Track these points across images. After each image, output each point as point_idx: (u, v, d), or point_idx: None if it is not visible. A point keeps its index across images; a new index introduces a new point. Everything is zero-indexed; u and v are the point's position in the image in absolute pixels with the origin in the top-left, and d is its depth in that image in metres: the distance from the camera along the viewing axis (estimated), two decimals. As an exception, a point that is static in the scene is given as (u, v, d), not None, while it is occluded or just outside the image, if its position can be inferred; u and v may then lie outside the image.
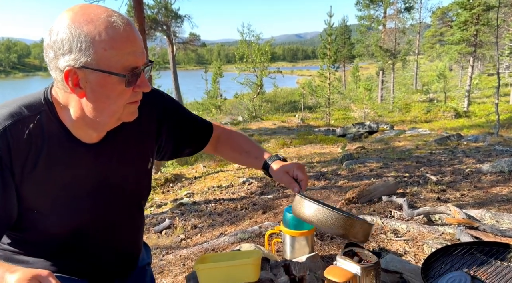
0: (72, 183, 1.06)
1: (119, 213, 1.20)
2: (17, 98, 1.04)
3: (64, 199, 1.06)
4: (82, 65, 0.91)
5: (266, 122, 19.65)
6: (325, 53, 23.29)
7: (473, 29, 22.95)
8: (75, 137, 1.05)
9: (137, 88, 0.99)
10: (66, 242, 1.12)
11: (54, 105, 1.03)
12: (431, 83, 28.39)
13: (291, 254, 1.95)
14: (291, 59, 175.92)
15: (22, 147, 0.97)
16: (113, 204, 1.16)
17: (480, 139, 9.76)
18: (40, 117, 1.01)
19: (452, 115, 20.42)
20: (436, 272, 1.39)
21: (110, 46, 0.90)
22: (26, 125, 0.98)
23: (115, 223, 1.20)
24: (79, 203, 1.09)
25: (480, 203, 3.58)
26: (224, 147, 1.49)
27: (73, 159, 1.06)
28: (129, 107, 1.01)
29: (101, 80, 0.93)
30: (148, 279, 1.44)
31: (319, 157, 8.65)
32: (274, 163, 1.39)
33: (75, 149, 1.05)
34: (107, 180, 1.13)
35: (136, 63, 0.95)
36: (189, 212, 4.70)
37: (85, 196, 1.10)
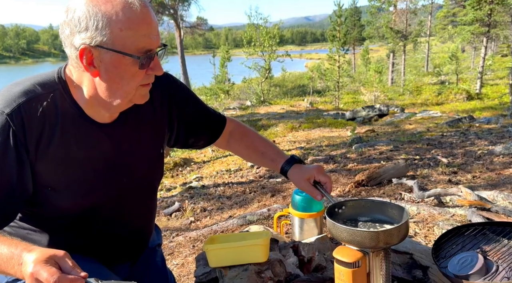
0: (85, 161, 1.06)
1: (131, 194, 1.19)
2: (31, 76, 1.04)
3: (77, 176, 1.06)
4: (98, 44, 0.91)
5: (274, 106, 19.55)
6: (334, 36, 22.92)
7: (487, 8, 22.30)
8: (88, 117, 1.05)
9: (150, 71, 0.99)
10: (79, 219, 1.12)
11: (67, 84, 1.03)
12: (442, 65, 27.84)
13: (300, 235, 1.94)
14: (300, 42, 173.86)
15: (36, 124, 0.97)
16: (125, 185, 1.16)
17: (492, 121, 9.60)
18: (54, 96, 1.01)
19: (464, 98, 20.06)
20: (447, 252, 1.37)
21: (127, 26, 0.90)
22: (40, 103, 0.98)
23: (127, 204, 1.19)
24: (92, 181, 1.09)
25: (492, 185, 3.53)
26: (237, 143, 1.47)
27: (86, 138, 1.06)
28: (141, 89, 1.01)
29: (116, 61, 0.93)
30: (158, 260, 1.45)
31: (328, 141, 8.61)
32: (292, 169, 1.37)
33: (88, 128, 1.05)
34: (119, 160, 1.13)
35: (151, 46, 0.95)
36: (198, 195, 4.73)
37: (98, 175, 1.09)
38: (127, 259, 1.30)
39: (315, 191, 1.32)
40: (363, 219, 1.32)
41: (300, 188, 1.36)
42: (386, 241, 1.14)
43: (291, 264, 1.58)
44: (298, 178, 1.34)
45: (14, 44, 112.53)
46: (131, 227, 1.25)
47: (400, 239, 1.17)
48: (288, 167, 1.37)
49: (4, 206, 0.97)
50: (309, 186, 1.33)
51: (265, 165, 1.49)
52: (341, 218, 1.30)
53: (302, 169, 1.35)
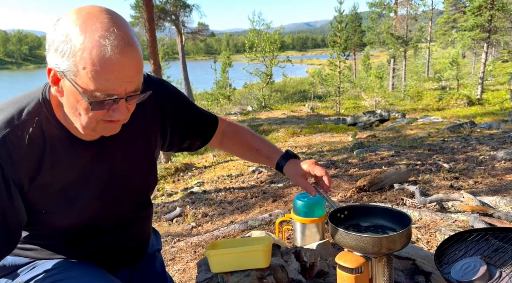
0: (77, 181, 1.06)
1: (126, 206, 1.19)
2: (14, 99, 1.01)
3: (71, 197, 1.05)
4: (61, 70, 0.89)
5: (275, 112, 19.57)
6: (335, 41, 22.99)
7: (488, 14, 22.37)
8: (75, 136, 1.03)
9: (111, 112, 0.94)
10: (75, 234, 1.13)
11: (51, 105, 1.01)
12: (443, 70, 27.86)
13: (301, 241, 1.94)
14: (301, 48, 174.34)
15: (24, 153, 0.96)
16: (120, 198, 1.16)
17: (494, 126, 9.59)
18: (39, 119, 0.98)
19: (465, 103, 20.06)
20: (450, 258, 1.37)
21: (89, 67, 0.86)
22: (26, 131, 0.96)
23: (124, 216, 1.20)
24: (86, 200, 1.08)
25: (494, 190, 3.52)
26: (231, 141, 1.47)
27: (75, 158, 1.04)
28: (104, 124, 0.97)
29: (73, 92, 0.91)
30: (158, 265, 1.44)
31: (329, 146, 8.60)
32: (288, 164, 1.36)
33: (76, 148, 1.04)
34: (112, 175, 1.12)
35: (114, 91, 0.90)
36: (200, 200, 4.72)
37: (91, 192, 1.09)
38: (126, 266, 1.30)
39: (310, 186, 1.31)
40: (366, 224, 1.32)
41: (295, 183, 1.35)
42: (389, 247, 1.13)
43: (293, 269, 1.58)
44: (294, 173, 1.33)
45: (16, 50, 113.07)
46: (129, 236, 1.24)
47: (403, 245, 1.17)
48: (284, 162, 1.37)
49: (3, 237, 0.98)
50: (304, 182, 1.32)
51: (260, 162, 1.48)
52: (344, 224, 1.30)
53: (298, 164, 1.34)
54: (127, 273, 1.31)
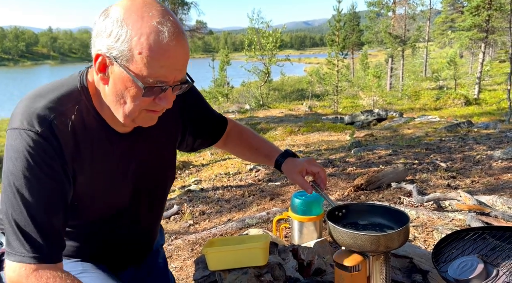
0: (111, 173, 1.06)
1: (149, 200, 1.20)
2: (52, 86, 1.00)
3: (104, 189, 1.06)
4: (113, 56, 0.89)
5: (273, 110, 19.57)
6: (333, 40, 23.00)
7: (485, 14, 22.43)
8: (111, 127, 1.04)
9: (157, 101, 0.94)
10: (95, 228, 1.13)
11: (89, 93, 1.00)
12: (441, 70, 27.95)
13: (299, 239, 1.94)
14: (299, 46, 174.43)
15: (67, 140, 0.95)
16: (144, 192, 1.16)
17: (491, 126, 9.63)
18: (79, 108, 0.98)
19: (462, 103, 20.13)
20: (447, 256, 1.37)
21: (145, 52, 0.86)
22: (69, 118, 0.96)
23: (145, 210, 1.20)
24: (117, 192, 1.10)
25: (491, 190, 3.53)
26: (233, 142, 1.48)
27: (111, 150, 1.05)
28: (146, 113, 0.97)
29: (123, 78, 0.90)
30: (161, 261, 1.45)
31: (327, 145, 8.61)
32: (286, 162, 1.37)
33: (112, 139, 1.04)
34: (140, 168, 1.13)
35: (165, 78, 0.90)
36: (197, 198, 4.71)
37: (122, 185, 1.10)
38: (132, 263, 1.30)
39: (306, 183, 1.32)
40: (364, 222, 1.32)
41: (292, 180, 1.36)
42: (387, 245, 1.14)
43: (290, 267, 1.58)
44: (291, 171, 1.34)
45: (13, 47, 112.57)
46: (142, 231, 1.25)
47: (401, 243, 1.17)
48: (282, 160, 1.37)
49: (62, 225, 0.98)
50: (301, 178, 1.32)
51: (259, 161, 1.49)
52: (342, 222, 1.30)
53: (295, 161, 1.36)
54: (133, 270, 1.31)
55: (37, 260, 0.90)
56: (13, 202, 0.90)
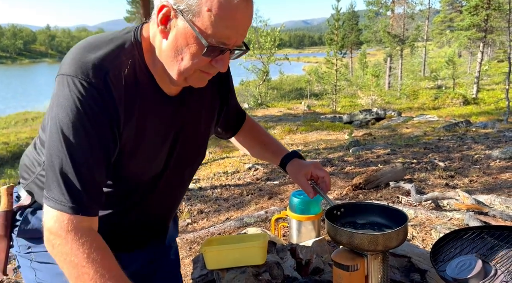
0: (154, 134, 1.02)
1: (182, 171, 1.17)
2: (105, 38, 0.96)
3: (145, 149, 1.01)
4: (179, 9, 0.86)
5: (272, 109, 19.57)
6: (332, 39, 23.01)
7: (484, 14, 22.47)
8: (160, 88, 1.00)
9: (214, 63, 0.92)
10: (126, 196, 1.09)
11: (142, 49, 0.96)
12: (439, 69, 27.99)
13: (297, 238, 1.94)
14: (298, 45, 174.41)
15: (120, 94, 0.92)
16: (178, 162, 1.13)
17: (489, 126, 9.65)
18: (132, 62, 0.94)
19: (461, 102, 20.18)
20: (445, 256, 1.37)
21: (215, 10, 0.84)
22: (123, 71, 0.92)
23: (176, 181, 1.17)
24: (155, 156, 1.05)
25: (489, 189, 3.54)
26: (244, 134, 1.44)
27: (159, 110, 1.01)
28: (199, 74, 0.95)
29: (186, 34, 0.87)
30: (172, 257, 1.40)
31: (326, 144, 8.62)
32: (291, 163, 1.35)
33: (159, 100, 1.01)
34: (180, 136, 1.09)
35: (228, 40, 0.88)
36: (195, 197, 4.71)
37: (161, 149, 1.06)
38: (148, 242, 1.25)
39: (309, 187, 1.30)
40: (362, 222, 1.32)
41: (296, 182, 1.35)
42: (385, 244, 1.13)
43: (288, 266, 1.58)
44: (295, 172, 1.32)
45: (11, 44, 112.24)
46: (167, 206, 1.22)
47: (399, 243, 1.16)
48: (288, 160, 1.36)
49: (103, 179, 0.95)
50: (305, 181, 1.30)
51: (265, 157, 1.47)
52: (340, 221, 1.29)
53: (301, 163, 1.34)
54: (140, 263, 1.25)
55: (75, 211, 0.87)
56: (59, 148, 0.87)
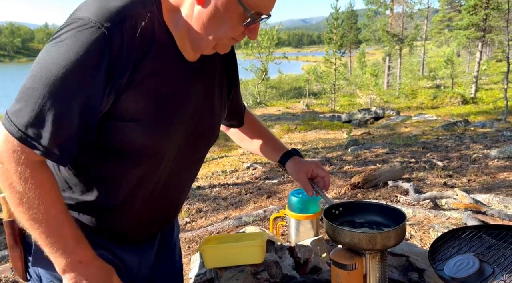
0: (167, 97, 0.94)
1: (197, 149, 1.11)
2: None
3: (156, 110, 0.93)
4: None
5: (270, 108, 19.57)
6: (331, 38, 23.01)
7: (483, 14, 22.49)
8: (178, 49, 0.95)
9: (246, 32, 0.92)
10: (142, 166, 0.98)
11: (161, 7, 0.91)
12: (438, 69, 28.03)
13: (296, 237, 1.94)
14: (296, 44, 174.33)
15: (133, 45, 0.85)
16: (198, 138, 1.07)
17: (487, 125, 9.66)
18: (151, 17, 0.89)
19: (459, 102, 20.20)
20: (443, 255, 1.37)
21: None
22: (139, 23, 0.86)
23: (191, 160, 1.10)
24: (167, 119, 0.96)
25: (488, 188, 3.54)
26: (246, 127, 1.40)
27: (176, 73, 0.95)
28: (230, 41, 0.94)
29: (229, 3, 0.86)
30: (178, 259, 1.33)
31: (324, 143, 8.62)
32: (292, 161, 1.34)
33: (177, 62, 0.95)
34: (197, 106, 1.03)
35: (265, 10, 0.89)
36: (194, 196, 4.71)
37: (174, 113, 0.97)
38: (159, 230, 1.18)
39: (309, 185, 1.30)
40: (360, 221, 1.32)
41: (296, 179, 1.34)
42: (383, 243, 1.14)
43: (287, 265, 1.58)
44: (296, 170, 1.32)
45: (9, 43, 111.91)
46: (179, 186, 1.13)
47: (397, 242, 1.17)
48: (288, 158, 1.35)
49: (81, 131, 0.84)
50: (305, 180, 1.30)
51: (264, 153, 1.43)
52: (338, 220, 1.30)
53: (302, 162, 1.33)
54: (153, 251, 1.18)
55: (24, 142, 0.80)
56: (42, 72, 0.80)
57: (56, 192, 0.87)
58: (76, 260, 0.87)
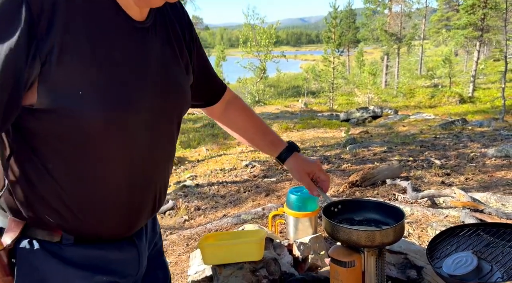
0: (117, 62, 0.81)
1: (162, 119, 0.93)
2: None
3: (107, 79, 0.79)
4: None
5: (269, 107, 19.57)
6: (329, 37, 23.02)
7: (481, 13, 22.53)
8: (121, 8, 0.82)
9: None
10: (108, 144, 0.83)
11: None
12: (436, 68, 28.07)
13: (294, 235, 1.94)
14: (295, 43, 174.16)
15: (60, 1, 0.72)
16: (161, 105, 0.90)
17: (485, 124, 9.69)
18: None
19: (457, 101, 20.25)
20: (442, 252, 1.38)
21: None
22: None
23: (157, 134, 0.92)
24: (123, 88, 0.81)
25: (485, 187, 3.56)
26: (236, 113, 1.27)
27: (119, 32, 0.82)
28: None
29: None
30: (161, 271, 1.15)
31: (322, 141, 8.63)
32: (293, 158, 1.28)
33: (121, 22, 0.82)
34: (153, 68, 0.88)
35: None
36: (192, 194, 4.71)
37: (129, 81, 0.83)
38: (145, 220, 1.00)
39: (313, 186, 1.29)
40: (359, 218, 1.33)
41: (298, 179, 1.31)
42: (382, 241, 1.14)
43: (285, 263, 1.58)
44: (299, 169, 1.28)
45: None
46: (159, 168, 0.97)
47: (396, 239, 1.17)
48: (289, 154, 1.29)
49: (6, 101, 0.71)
50: (308, 180, 1.28)
51: (260, 145, 1.33)
52: (337, 217, 1.30)
53: (304, 161, 1.30)
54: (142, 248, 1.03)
55: None
56: None
57: None
58: None
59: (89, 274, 0.87)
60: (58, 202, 0.83)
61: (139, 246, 0.99)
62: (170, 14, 0.98)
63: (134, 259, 0.98)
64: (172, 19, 0.99)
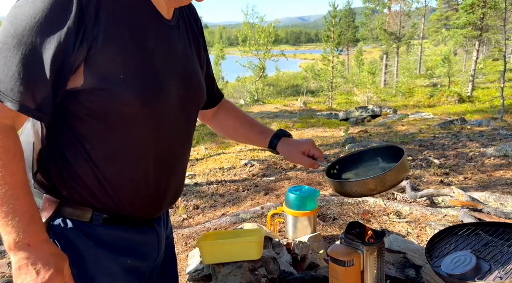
0: (150, 53, 0.89)
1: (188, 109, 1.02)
2: None
3: (143, 67, 0.87)
4: None
5: (268, 105, 19.56)
6: (328, 36, 23.03)
7: (480, 12, 22.53)
8: (153, 4, 0.90)
9: None
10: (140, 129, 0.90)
11: None
12: (435, 67, 28.10)
13: (293, 234, 1.94)
14: (294, 42, 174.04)
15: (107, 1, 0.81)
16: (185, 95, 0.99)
17: (484, 124, 9.70)
18: None
19: (456, 100, 20.26)
20: (440, 252, 1.38)
21: None
22: None
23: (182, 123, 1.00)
24: (156, 76, 0.90)
25: (484, 186, 3.56)
26: (224, 114, 1.32)
27: (153, 27, 0.90)
28: None
29: None
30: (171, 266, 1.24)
31: (321, 140, 8.63)
32: (283, 143, 1.29)
33: (154, 17, 0.91)
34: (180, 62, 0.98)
35: None
36: (191, 192, 4.70)
37: (162, 70, 0.91)
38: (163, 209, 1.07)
39: (309, 160, 1.28)
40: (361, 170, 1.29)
41: (293, 160, 1.31)
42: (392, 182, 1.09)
43: (284, 262, 1.58)
44: (292, 151, 1.28)
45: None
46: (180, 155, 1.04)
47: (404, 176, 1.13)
48: (278, 139, 1.30)
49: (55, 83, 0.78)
50: (303, 157, 1.28)
51: (251, 139, 1.36)
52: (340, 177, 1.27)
53: (296, 142, 1.30)
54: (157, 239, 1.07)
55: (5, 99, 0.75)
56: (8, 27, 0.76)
57: (20, 163, 0.79)
58: (25, 241, 0.78)
59: (115, 256, 0.93)
60: (93, 180, 0.89)
61: (159, 232, 1.05)
62: (189, 16, 1.07)
63: (155, 244, 1.04)
64: (191, 22, 1.08)
